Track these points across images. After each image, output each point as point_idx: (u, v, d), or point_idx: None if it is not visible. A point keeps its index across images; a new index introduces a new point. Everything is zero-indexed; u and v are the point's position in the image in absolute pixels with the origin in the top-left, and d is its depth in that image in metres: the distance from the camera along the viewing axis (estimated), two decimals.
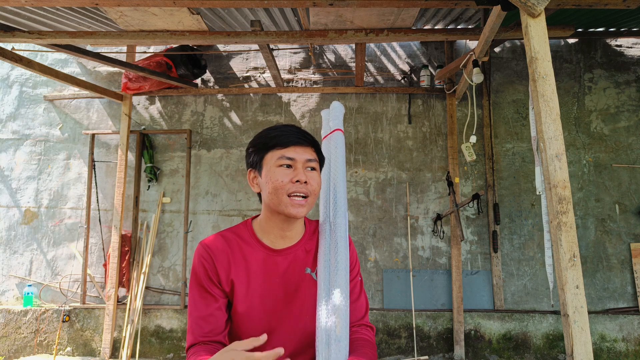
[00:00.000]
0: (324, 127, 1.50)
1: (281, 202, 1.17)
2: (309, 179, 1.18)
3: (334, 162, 1.36)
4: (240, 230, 1.27)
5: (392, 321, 3.81)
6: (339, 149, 1.40)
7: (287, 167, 1.18)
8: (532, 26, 1.94)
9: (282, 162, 1.17)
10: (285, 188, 1.16)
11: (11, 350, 3.92)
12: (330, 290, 1.19)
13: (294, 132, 1.20)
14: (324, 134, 1.49)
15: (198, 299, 1.19)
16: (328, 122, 1.49)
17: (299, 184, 1.16)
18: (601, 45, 4.14)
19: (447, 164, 4.01)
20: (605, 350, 3.65)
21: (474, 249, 3.94)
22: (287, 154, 1.17)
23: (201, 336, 1.17)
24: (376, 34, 3.10)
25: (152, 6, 2.66)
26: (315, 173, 1.21)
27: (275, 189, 1.16)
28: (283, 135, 1.19)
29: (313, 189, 1.19)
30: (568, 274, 1.76)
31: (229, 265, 1.20)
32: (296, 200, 1.16)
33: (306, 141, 1.20)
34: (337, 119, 1.47)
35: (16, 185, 4.27)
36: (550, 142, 1.85)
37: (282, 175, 1.16)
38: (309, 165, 1.20)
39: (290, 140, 1.18)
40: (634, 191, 3.90)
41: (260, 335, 1.01)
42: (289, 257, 1.24)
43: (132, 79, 4.03)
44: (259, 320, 1.21)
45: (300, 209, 1.17)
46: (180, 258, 4.07)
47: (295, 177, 1.16)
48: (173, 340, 3.90)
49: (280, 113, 4.24)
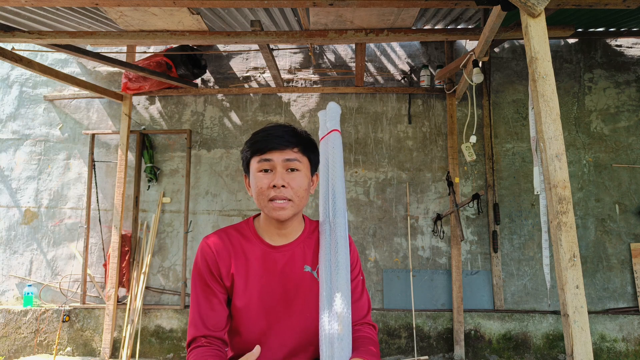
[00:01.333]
0: (321, 128, 1.52)
1: (265, 207, 1.19)
2: (288, 181, 1.18)
3: (332, 162, 1.37)
4: (242, 227, 1.29)
5: (392, 321, 3.81)
6: (336, 149, 1.41)
7: (266, 172, 1.19)
8: (532, 26, 1.94)
9: (261, 167, 1.19)
10: (266, 194, 1.18)
11: (11, 350, 3.92)
12: (331, 290, 1.19)
13: (274, 137, 1.19)
14: (321, 135, 1.50)
15: (200, 293, 1.21)
16: (325, 123, 1.50)
17: (276, 189, 1.16)
18: (601, 45, 4.14)
19: (447, 164, 4.01)
20: (605, 350, 3.65)
21: (474, 249, 3.93)
22: (264, 157, 1.18)
23: (203, 330, 1.18)
24: (376, 34, 3.10)
25: (152, 6, 2.66)
26: (297, 174, 1.20)
27: (258, 195, 1.19)
28: (263, 140, 1.19)
29: (294, 191, 1.19)
30: (568, 274, 1.76)
31: (229, 260, 1.22)
32: (277, 203, 1.17)
33: (286, 145, 1.19)
34: (334, 119, 1.48)
35: (16, 185, 4.27)
36: (550, 142, 1.85)
37: (262, 181, 1.18)
38: (288, 165, 1.19)
39: (268, 146, 1.18)
40: (634, 191, 3.90)
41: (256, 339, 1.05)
42: (287, 254, 1.25)
43: (132, 79, 4.03)
44: (257, 316, 1.22)
45: (281, 212, 1.17)
46: (180, 258, 4.07)
47: (273, 181, 1.16)
48: (173, 340, 3.90)
49: (280, 113, 4.24)
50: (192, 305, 1.22)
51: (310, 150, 1.26)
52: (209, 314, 1.20)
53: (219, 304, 1.21)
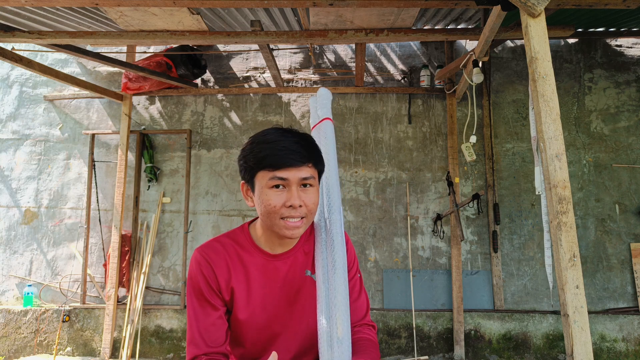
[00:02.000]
0: (312, 116, 1.40)
1: (274, 225, 1.10)
2: (304, 200, 1.09)
3: (325, 154, 1.23)
4: (236, 236, 1.21)
5: (392, 321, 3.81)
6: (329, 139, 1.31)
7: (278, 187, 1.08)
8: (532, 26, 1.94)
9: (274, 183, 1.07)
10: (279, 212, 1.08)
11: (11, 350, 3.92)
12: (329, 290, 1.16)
13: (288, 151, 1.07)
14: (313, 123, 1.40)
15: (198, 309, 1.15)
16: (316, 110, 1.39)
17: (292, 209, 1.08)
18: (601, 45, 4.14)
19: (447, 164, 4.01)
20: (605, 350, 3.65)
21: (474, 249, 3.93)
22: (278, 175, 1.07)
23: (204, 348, 1.13)
24: (376, 34, 3.10)
25: (152, 6, 2.66)
26: (311, 190, 1.12)
27: (267, 213, 1.09)
28: (275, 155, 1.06)
29: (309, 209, 1.11)
30: (568, 274, 1.76)
31: (229, 273, 1.16)
32: (290, 222, 1.09)
33: (301, 161, 1.08)
34: (325, 107, 1.37)
35: (16, 185, 4.27)
36: (550, 142, 1.85)
37: (274, 199, 1.07)
38: (304, 182, 1.10)
39: (284, 164, 1.06)
40: (634, 191, 3.90)
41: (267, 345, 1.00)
42: (289, 261, 1.21)
43: (132, 79, 4.03)
44: (262, 327, 1.19)
45: (295, 230, 1.10)
46: (180, 258, 4.07)
47: (289, 201, 1.07)
48: (173, 340, 3.90)
49: (280, 113, 4.24)
50: (190, 321, 1.14)
51: (320, 162, 1.16)
52: (209, 330, 1.14)
53: (218, 318, 1.15)
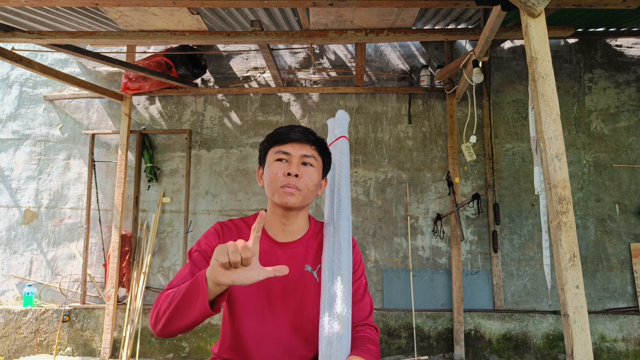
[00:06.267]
0: (330, 135, 1.59)
1: (275, 192, 1.21)
2: (302, 173, 1.21)
3: (339, 167, 1.46)
4: (250, 220, 1.33)
5: (392, 321, 3.81)
6: (343, 155, 1.48)
7: (283, 162, 1.23)
8: (532, 26, 1.94)
9: (279, 157, 1.23)
10: (279, 180, 1.21)
11: (11, 350, 3.92)
12: (333, 291, 1.21)
13: (296, 130, 1.25)
14: (330, 141, 1.55)
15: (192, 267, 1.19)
16: (334, 130, 1.58)
17: (290, 177, 1.20)
18: (601, 45, 4.14)
19: (447, 164, 4.01)
20: (605, 350, 3.65)
21: (474, 249, 3.93)
22: (283, 149, 1.23)
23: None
24: (376, 34, 3.10)
25: (152, 6, 2.66)
26: (310, 169, 1.24)
27: (270, 181, 1.22)
28: (284, 132, 1.25)
29: (305, 183, 1.22)
30: (568, 274, 1.76)
31: None
32: (287, 189, 1.20)
33: (306, 139, 1.25)
34: (342, 126, 1.56)
35: (16, 185, 4.27)
36: (550, 142, 1.85)
37: (277, 168, 1.22)
38: (304, 160, 1.24)
39: (289, 137, 1.24)
40: (634, 191, 3.90)
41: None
42: (289, 252, 1.27)
43: (132, 79, 4.03)
44: (254, 308, 1.23)
45: (289, 197, 1.20)
46: (180, 258, 4.07)
47: (288, 169, 1.20)
48: (173, 340, 3.90)
49: (280, 113, 4.24)
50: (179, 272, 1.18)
51: (325, 154, 1.31)
52: None
53: None
